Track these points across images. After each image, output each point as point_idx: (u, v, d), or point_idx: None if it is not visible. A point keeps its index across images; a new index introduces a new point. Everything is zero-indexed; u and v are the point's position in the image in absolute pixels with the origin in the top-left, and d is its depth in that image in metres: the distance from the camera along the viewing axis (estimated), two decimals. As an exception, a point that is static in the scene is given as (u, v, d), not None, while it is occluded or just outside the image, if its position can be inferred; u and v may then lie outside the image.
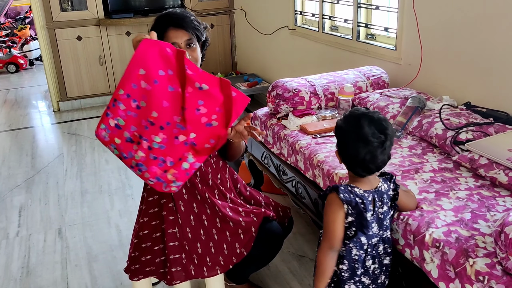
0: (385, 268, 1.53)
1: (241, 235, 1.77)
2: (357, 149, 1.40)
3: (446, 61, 2.46)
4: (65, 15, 4.69)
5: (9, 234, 2.71)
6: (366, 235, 1.45)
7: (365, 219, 1.43)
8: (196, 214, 1.76)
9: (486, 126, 1.98)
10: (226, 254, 1.76)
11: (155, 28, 1.70)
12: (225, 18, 5.26)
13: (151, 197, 1.80)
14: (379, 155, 1.41)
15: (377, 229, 1.46)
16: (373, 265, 1.50)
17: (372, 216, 1.44)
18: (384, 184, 1.48)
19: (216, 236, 1.76)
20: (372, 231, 1.45)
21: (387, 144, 1.41)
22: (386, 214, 1.48)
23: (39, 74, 6.72)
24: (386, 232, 1.50)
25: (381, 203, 1.46)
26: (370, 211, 1.44)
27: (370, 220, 1.44)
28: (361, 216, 1.43)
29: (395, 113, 2.28)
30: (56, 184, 3.30)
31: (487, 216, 1.50)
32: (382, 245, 1.50)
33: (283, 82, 2.53)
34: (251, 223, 1.79)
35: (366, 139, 1.39)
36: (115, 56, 4.95)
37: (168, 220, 1.74)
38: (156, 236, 1.77)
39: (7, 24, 8.05)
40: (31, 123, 4.74)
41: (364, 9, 3.09)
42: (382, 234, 1.48)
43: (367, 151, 1.39)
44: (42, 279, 2.30)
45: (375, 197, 1.45)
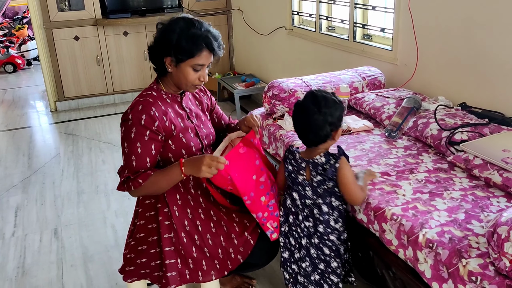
0: (320, 234, 1.67)
1: (235, 240, 1.77)
2: (296, 117, 1.66)
3: (442, 62, 2.46)
4: (62, 15, 4.68)
5: (5, 234, 2.70)
6: (298, 192, 1.71)
7: (294, 179, 1.71)
8: (190, 219, 1.76)
9: (481, 127, 1.99)
10: (221, 258, 1.76)
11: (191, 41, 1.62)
12: (222, 18, 5.26)
13: (147, 200, 1.79)
14: (312, 126, 1.60)
15: (311, 194, 1.67)
16: (306, 222, 1.70)
17: (306, 180, 1.67)
18: (322, 158, 1.63)
19: (211, 241, 1.76)
20: (305, 193, 1.68)
21: (319, 117, 1.58)
22: (320, 183, 1.64)
23: (37, 74, 6.72)
24: (319, 199, 1.66)
25: (315, 173, 1.64)
26: (303, 175, 1.68)
27: (303, 182, 1.68)
28: (292, 174, 1.71)
29: (390, 113, 2.28)
30: (52, 184, 3.29)
31: (481, 217, 1.51)
32: (316, 210, 1.67)
33: (279, 83, 2.53)
34: (244, 227, 1.79)
35: (302, 109, 1.63)
36: (113, 56, 4.95)
37: (164, 225, 1.74)
38: (152, 239, 1.77)
39: (4, 24, 8.04)
40: (28, 123, 4.73)
41: (360, 9, 3.09)
42: (316, 199, 1.67)
43: (301, 120, 1.63)
44: (38, 279, 2.30)
45: (310, 166, 1.65)
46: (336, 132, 1.63)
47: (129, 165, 1.65)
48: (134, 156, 1.64)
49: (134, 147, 1.64)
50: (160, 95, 1.74)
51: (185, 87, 1.72)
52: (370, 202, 1.65)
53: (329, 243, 1.67)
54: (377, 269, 1.71)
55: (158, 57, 1.70)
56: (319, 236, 1.67)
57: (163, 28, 1.68)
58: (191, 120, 1.81)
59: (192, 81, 1.69)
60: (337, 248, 1.68)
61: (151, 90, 1.74)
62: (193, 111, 1.84)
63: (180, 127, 1.74)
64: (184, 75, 1.67)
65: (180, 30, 1.63)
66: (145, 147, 1.65)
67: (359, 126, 2.28)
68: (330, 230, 1.66)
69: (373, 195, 1.68)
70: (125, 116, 1.67)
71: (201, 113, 1.89)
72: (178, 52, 1.63)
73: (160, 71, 1.75)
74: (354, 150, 2.05)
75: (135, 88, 5.10)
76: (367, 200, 1.67)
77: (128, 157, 1.65)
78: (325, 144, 1.64)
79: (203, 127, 1.85)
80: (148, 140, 1.65)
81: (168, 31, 1.65)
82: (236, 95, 4.40)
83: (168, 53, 1.65)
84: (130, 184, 1.64)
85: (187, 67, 1.66)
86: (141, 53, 5.02)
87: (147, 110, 1.65)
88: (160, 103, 1.71)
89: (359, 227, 1.74)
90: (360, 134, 2.24)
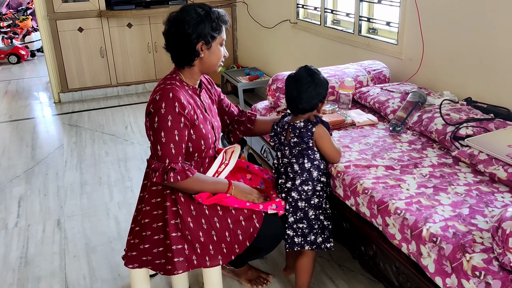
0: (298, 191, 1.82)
1: (243, 222, 1.77)
2: (289, 87, 1.82)
3: (448, 56, 2.45)
4: (67, 6, 4.67)
5: (8, 224, 2.71)
6: (281, 152, 1.89)
7: (279, 139, 1.89)
8: (197, 204, 1.77)
9: (487, 122, 1.97)
10: (229, 241, 1.76)
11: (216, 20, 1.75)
12: (227, 11, 5.21)
13: (154, 187, 1.80)
14: (303, 94, 1.77)
15: (288, 153, 1.85)
16: (281, 180, 1.89)
17: (285, 141, 1.85)
18: (301, 123, 1.81)
19: (218, 224, 1.76)
20: (284, 152, 1.87)
21: (311, 87, 1.77)
22: (295, 145, 1.81)
23: (40, 65, 6.71)
24: (293, 160, 1.83)
25: (293, 135, 1.81)
26: (283, 136, 1.87)
27: (284, 143, 1.86)
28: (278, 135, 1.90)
29: (395, 107, 2.27)
30: (55, 175, 3.30)
31: (485, 212, 1.50)
32: (292, 173, 1.84)
33: (284, 76, 2.52)
34: (253, 210, 1.80)
35: (295, 79, 1.80)
36: (116, 48, 4.94)
37: (171, 210, 1.76)
38: (157, 225, 1.78)
39: (9, 15, 8.04)
40: (31, 114, 4.73)
41: (366, 3, 3.07)
42: (291, 160, 1.84)
43: (294, 87, 1.79)
44: (41, 269, 2.31)
45: (290, 128, 1.83)
46: (322, 105, 1.84)
47: (168, 154, 1.69)
48: (173, 144, 1.68)
49: (172, 135, 1.68)
50: (182, 86, 1.78)
51: (215, 67, 1.82)
52: (374, 195, 1.65)
53: (290, 199, 1.84)
54: (380, 263, 1.71)
55: (188, 47, 1.73)
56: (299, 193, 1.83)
57: (185, 18, 1.71)
58: (207, 112, 1.86)
59: (221, 57, 1.82)
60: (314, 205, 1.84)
61: (174, 80, 1.78)
62: (208, 104, 1.90)
63: (201, 118, 1.79)
64: (215, 54, 1.79)
65: (206, 15, 1.73)
66: (181, 134, 1.70)
67: (364, 120, 2.27)
68: (294, 188, 1.83)
69: (377, 189, 1.67)
70: (156, 105, 1.69)
71: (212, 106, 1.95)
72: (211, 34, 1.73)
73: (185, 61, 1.78)
74: (359, 144, 2.04)
75: (139, 81, 5.09)
76: (370, 193, 1.66)
77: (166, 145, 1.68)
78: (309, 114, 1.83)
79: (214, 120, 1.91)
80: (183, 127, 1.70)
81: (194, 18, 1.71)
82: (240, 88, 4.39)
83: (200, 39, 1.72)
84: (177, 175, 1.68)
85: (217, 45, 1.78)
86: (145, 45, 5.01)
87: (178, 97, 1.69)
88: (184, 93, 1.75)
89: (362, 221, 1.74)
90: (365, 128, 2.23)
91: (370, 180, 1.72)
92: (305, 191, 1.82)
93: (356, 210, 1.76)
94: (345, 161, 1.87)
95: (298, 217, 1.83)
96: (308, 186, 1.82)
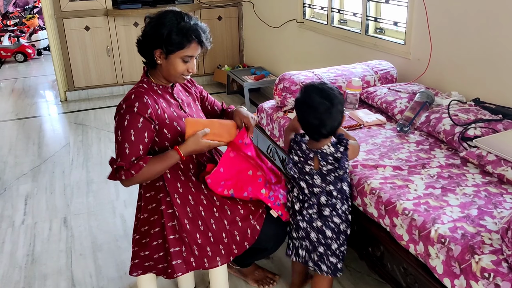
0: (324, 218, 1.70)
1: (239, 223, 1.77)
2: (306, 116, 1.63)
3: (456, 57, 2.43)
4: (73, 5, 4.68)
5: (15, 222, 2.72)
6: (305, 182, 1.72)
7: (301, 169, 1.72)
8: (193, 205, 1.77)
9: (495, 123, 1.96)
10: (226, 242, 1.76)
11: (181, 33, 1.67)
12: (233, 11, 5.23)
13: (148, 193, 1.81)
14: (327, 120, 1.60)
15: (320, 182, 1.69)
16: (310, 210, 1.72)
17: (314, 170, 1.68)
18: (331, 147, 1.65)
19: (215, 226, 1.76)
20: (313, 182, 1.70)
21: (333, 110, 1.60)
22: (330, 172, 1.66)
23: (47, 64, 6.74)
24: (329, 186, 1.68)
25: (325, 163, 1.65)
26: (310, 166, 1.69)
27: (310, 172, 1.69)
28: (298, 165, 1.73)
29: (403, 108, 2.26)
30: (62, 173, 3.31)
31: (494, 213, 1.49)
32: (324, 197, 1.69)
33: (290, 75, 2.52)
34: (249, 211, 1.80)
35: (312, 106, 1.61)
36: (123, 46, 4.94)
37: (167, 213, 1.76)
38: (154, 231, 1.78)
39: (15, 14, 8.07)
40: (38, 112, 4.75)
41: (373, 2, 3.06)
42: (325, 187, 1.69)
43: (315, 116, 1.60)
44: (47, 267, 2.31)
45: (318, 156, 1.66)
46: (343, 119, 1.67)
47: (122, 153, 1.66)
48: (127, 143, 1.66)
49: (127, 135, 1.66)
50: (151, 87, 1.78)
51: (174, 78, 1.77)
52: (382, 196, 1.64)
53: (333, 225, 1.71)
54: (388, 264, 1.70)
55: (148, 50, 1.75)
56: (323, 219, 1.70)
57: (152, 22, 1.72)
58: (183, 109, 1.85)
59: (181, 72, 1.74)
60: (339, 230, 1.71)
61: (142, 82, 1.79)
62: (185, 101, 1.89)
63: (174, 116, 1.78)
64: (173, 66, 1.72)
65: (170, 23, 1.68)
66: (138, 135, 1.67)
67: (372, 120, 2.26)
68: (335, 213, 1.70)
69: (384, 189, 1.66)
70: (119, 107, 1.72)
71: (192, 102, 1.94)
72: (168, 44, 1.68)
73: (149, 64, 1.80)
74: (366, 144, 2.04)
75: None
76: (378, 194, 1.65)
77: (121, 145, 1.67)
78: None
79: (195, 116, 1.89)
80: (141, 128, 1.67)
81: (158, 24, 1.70)
82: (246, 87, 4.39)
83: (158, 46, 1.70)
84: (122, 173, 1.65)
85: (177, 58, 1.71)
86: (151, 44, 5.00)
87: (140, 98, 1.69)
88: (151, 93, 1.75)
89: (370, 221, 1.73)
90: (372, 128, 2.22)
91: (378, 181, 1.72)
92: (344, 211, 1.73)
93: (364, 211, 1.75)
94: (352, 161, 1.86)
95: (341, 241, 1.74)
96: (345, 205, 1.73)
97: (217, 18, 5.18)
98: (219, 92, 5.07)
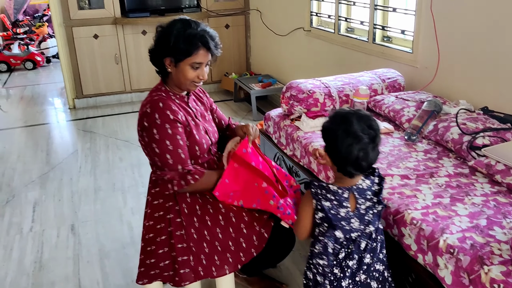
0: (366, 267, 1.47)
1: (244, 230, 1.77)
2: (349, 147, 1.38)
3: (464, 65, 2.43)
4: (82, 13, 4.73)
5: (23, 229, 2.73)
6: (341, 229, 1.45)
7: (335, 215, 1.44)
8: (199, 216, 1.78)
9: (504, 132, 1.95)
10: (233, 250, 1.76)
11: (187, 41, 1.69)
12: (240, 19, 5.26)
13: (155, 201, 1.82)
14: (371, 152, 1.40)
15: (358, 224, 1.45)
16: (349, 261, 1.46)
17: (351, 212, 1.45)
18: (365, 180, 1.47)
19: (221, 235, 1.76)
20: (351, 226, 1.45)
21: (378, 139, 1.43)
22: (368, 209, 1.47)
23: (56, 72, 6.80)
24: (369, 227, 1.46)
25: (364, 200, 1.46)
26: (346, 208, 1.44)
27: (347, 216, 1.44)
28: (331, 211, 1.44)
29: (410, 116, 2.25)
30: (70, 180, 3.32)
31: (503, 223, 1.48)
32: (364, 241, 1.46)
33: (298, 83, 2.52)
34: (254, 218, 1.79)
35: (357, 136, 1.38)
36: (131, 54, 4.98)
37: (176, 222, 1.76)
38: (161, 239, 1.78)
39: (25, 22, 8.16)
40: (46, 119, 4.79)
41: (380, 11, 3.06)
42: (364, 229, 1.46)
43: (360, 148, 1.38)
44: (54, 274, 2.32)
45: (355, 194, 1.45)
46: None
47: (179, 160, 1.71)
48: (180, 149, 1.71)
49: (176, 141, 1.71)
50: (168, 96, 1.80)
51: (185, 86, 1.79)
52: (389, 205, 1.63)
53: (376, 274, 1.50)
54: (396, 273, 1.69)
55: (158, 59, 1.78)
56: (365, 270, 1.48)
57: (162, 31, 1.76)
58: (198, 118, 1.87)
59: (192, 79, 1.75)
60: (384, 278, 1.53)
61: (160, 90, 1.81)
62: (198, 110, 1.91)
63: (192, 125, 1.80)
64: (183, 73, 1.74)
65: (177, 31, 1.71)
66: (182, 139, 1.74)
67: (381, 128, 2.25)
68: (377, 258, 1.49)
69: (392, 199, 1.66)
70: (150, 118, 1.70)
71: (205, 112, 1.96)
72: (176, 52, 1.70)
73: (161, 72, 1.83)
74: (373, 152, 2.03)
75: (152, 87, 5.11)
76: (386, 203, 1.65)
77: (174, 152, 1.70)
78: None
79: (208, 126, 1.91)
80: (182, 132, 1.74)
81: (166, 33, 1.73)
82: (253, 95, 4.40)
83: (167, 54, 1.73)
84: (195, 175, 1.70)
85: (186, 65, 1.73)
86: (159, 52, 5.04)
87: (168, 106, 1.72)
88: (171, 101, 1.77)
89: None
90: (379, 137, 2.21)
91: (386, 190, 1.71)
92: (384, 255, 1.53)
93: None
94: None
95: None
96: (384, 249, 1.53)
97: (224, 26, 5.20)
98: (226, 99, 5.08)
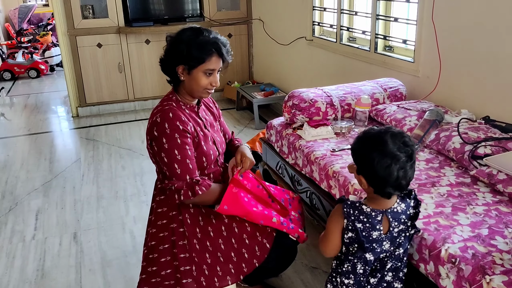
0: (386, 284, 1.48)
1: (247, 240, 1.77)
2: (388, 168, 1.33)
3: (465, 74, 2.44)
4: (86, 22, 4.77)
5: (26, 237, 2.74)
6: (372, 251, 1.42)
7: (367, 237, 1.40)
8: (202, 226, 1.78)
9: (505, 141, 1.95)
10: (236, 261, 1.76)
11: (200, 47, 1.70)
12: (243, 28, 5.30)
13: (159, 209, 1.82)
14: (409, 170, 1.36)
15: (388, 246, 1.43)
16: (372, 278, 1.47)
17: (383, 235, 1.42)
18: (401, 204, 1.43)
19: (223, 245, 1.77)
20: (381, 248, 1.43)
21: (414, 156, 1.38)
22: (401, 233, 1.44)
23: (59, 80, 6.83)
24: (399, 249, 1.45)
25: (397, 223, 1.42)
26: (379, 230, 1.40)
27: (379, 238, 1.41)
28: (363, 233, 1.41)
29: (412, 126, 2.26)
30: (72, 188, 3.33)
31: (505, 233, 1.48)
32: (390, 262, 1.46)
33: (300, 92, 2.53)
34: (257, 228, 1.80)
35: (394, 155, 1.33)
36: (134, 63, 5.01)
37: (179, 232, 1.77)
38: (163, 247, 1.78)
39: (29, 31, 8.22)
40: (50, 127, 4.81)
41: (382, 21, 3.08)
42: (394, 250, 1.45)
43: (399, 167, 1.33)
44: (57, 282, 2.32)
45: (389, 217, 1.41)
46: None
47: (187, 170, 1.71)
48: (188, 159, 1.71)
49: (185, 151, 1.71)
50: (179, 106, 1.80)
51: (198, 93, 1.79)
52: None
53: None
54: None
55: (170, 68, 1.77)
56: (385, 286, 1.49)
57: (172, 40, 1.77)
58: (207, 128, 1.87)
59: (205, 86, 1.76)
60: None
61: (170, 100, 1.80)
62: (208, 120, 1.91)
63: (200, 135, 1.80)
64: (196, 81, 1.74)
65: (189, 39, 1.72)
66: (191, 149, 1.74)
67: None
68: (397, 277, 1.49)
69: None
70: (160, 128, 1.70)
71: (214, 122, 1.96)
72: (189, 59, 1.71)
73: (173, 81, 1.82)
74: (375, 161, 2.03)
75: (156, 96, 5.15)
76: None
77: (183, 162, 1.70)
78: None
79: (216, 136, 1.91)
80: (190, 142, 1.74)
81: (177, 41, 1.74)
82: (255, 104, 4.42)
83: (180, 62, 1.73)
84: (202, 187, 1.71)
85: (199, 73, 1.73)
86: (162, 61, 5.07)
87: (178, 116, 1.72)
88: (181, 112, 1.76)
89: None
90: (381, 146, 2.22)
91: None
92: (404, 274, 1.51)
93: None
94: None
95: None
96: (405, 268, 1.51)
97: (227, 35, 5.24)
98: (228, 108, 5.10)
